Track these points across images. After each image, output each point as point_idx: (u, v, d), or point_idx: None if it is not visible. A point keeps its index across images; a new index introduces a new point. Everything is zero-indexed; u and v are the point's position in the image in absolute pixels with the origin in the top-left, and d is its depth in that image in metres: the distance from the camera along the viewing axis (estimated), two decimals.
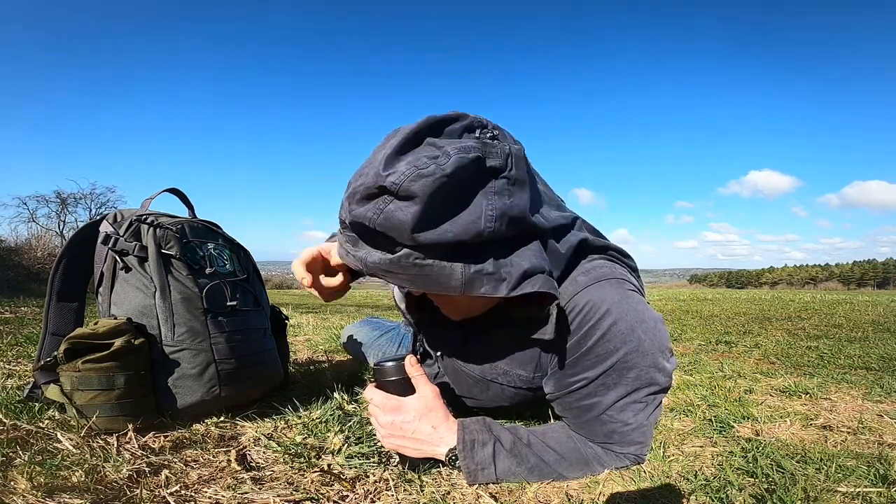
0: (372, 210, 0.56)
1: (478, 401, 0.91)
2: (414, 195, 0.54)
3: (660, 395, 0.76)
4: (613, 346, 0.71)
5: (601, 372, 0.72)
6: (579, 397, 0.75)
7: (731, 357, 2.02)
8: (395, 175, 0.54)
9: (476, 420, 0.76)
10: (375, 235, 0.59)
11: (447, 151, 0.55)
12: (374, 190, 0.56)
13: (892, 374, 1.63)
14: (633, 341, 0.70)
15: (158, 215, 0.95)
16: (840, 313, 4.35)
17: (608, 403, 0.73)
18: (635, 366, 0.71)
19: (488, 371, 0.83)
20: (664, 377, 0.74)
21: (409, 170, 0.54)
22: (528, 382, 0.82)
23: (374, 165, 0.56)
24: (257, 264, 1.15)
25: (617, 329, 0.70)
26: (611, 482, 0.73)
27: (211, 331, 0.92)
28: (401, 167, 0.55)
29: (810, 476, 0.75)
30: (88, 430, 0.80)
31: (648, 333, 0.71)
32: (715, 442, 0.92)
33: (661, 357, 0.73)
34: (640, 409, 0.74)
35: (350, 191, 0.58)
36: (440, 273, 0.58)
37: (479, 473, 0.71)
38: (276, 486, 0.67)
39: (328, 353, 1.81)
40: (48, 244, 8.80)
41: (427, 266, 0.58)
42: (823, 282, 74.56)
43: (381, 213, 0.56)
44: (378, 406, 0.76)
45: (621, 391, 0.72)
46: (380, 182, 0.55)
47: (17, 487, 0.62)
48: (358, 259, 0.63)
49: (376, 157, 0.58)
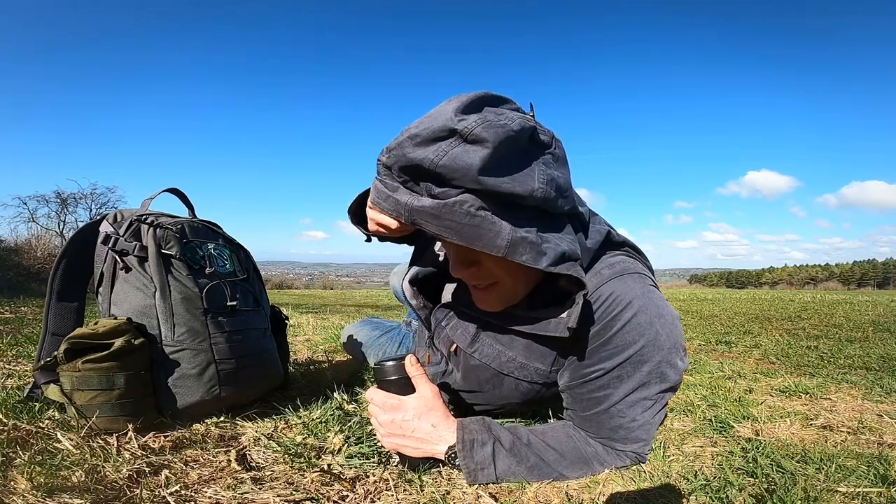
0: (434, 152, 0.58)
1: (486, 398, 0.90)
2: (484, 140, 0.57)
3: (668, 394, 0.76)
4: (632, 338, 0.72)
5: (618, 363, 0.73)
6: (592, 388, 0.75)
7: (731, 357, 2.02)
8: (467, 122, 0.58)
9: (475, 420, 0.76)
10: (431, 178, 0.60)
11: (510, 116, 0.61)
12: (442, 133, 0.58)
13: (892, 374, 1.63)
14: (651, 334, 0.72)
15: (158, 215, 0.95)
16: (840, 313, 4.35)
17: (619, 397, 0.74)
18: (650, 359, 0.72)
19: (505, 365, 0.83)
20: (675, 374, 0.75)
21: (481, 119, 0.58)
22: (544, 377, 0.82)
23: (443, 114, 0.59)
24: (257, 264, 1.15)
25: (637, 321, 0.72)
26: (611, 482, 0.73)
27: (211, 331, 0.92)
28: (472, 117, 0.59)
29: (810, 476, 0.75)
30: (88, 430, 0.80)
31: (666, 328, 0.73)
32: (715, 442, 0.93)
33: (674, 354, 0.74)
34: (649, 406, 0.75)
35: (408, 134, 0.60)
36: (489, 228, 0.60)
37: (479, 473, 0.71)
38: (276, 486, 0.67)
39: (328, 353, 1.81)
40: (48, 244, 8.80)
41: (478, 217, 0.59)
42: (823, 282, 74.57)
43: (447, 155, 0.58)
44: (378, 405, 0.76)
45: (633, 384, 0.73)
46: (451, 125, 0.58)
47: (17, 487, 0.62)
48: (400, 205, 0.62)
49: (443, 108, 0.61)
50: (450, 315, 0.90)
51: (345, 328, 1.77)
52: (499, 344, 0.83)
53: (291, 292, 14.60)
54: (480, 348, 0.85)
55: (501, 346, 0.83)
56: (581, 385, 0.77)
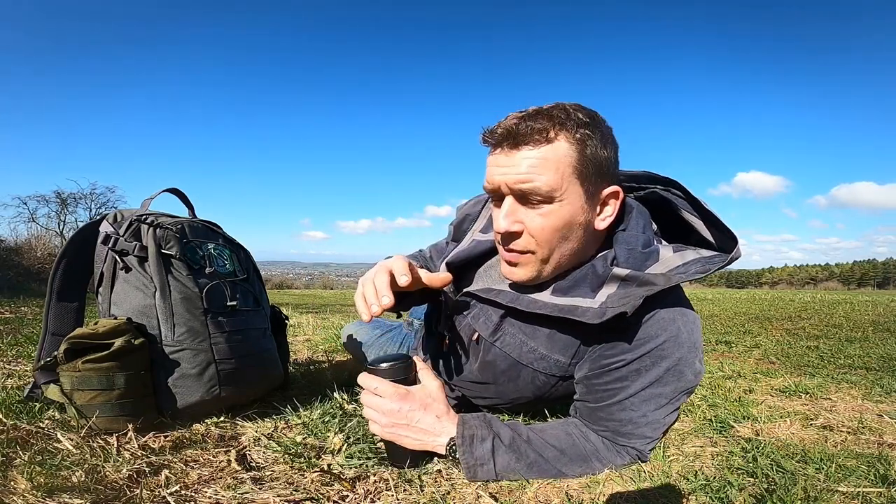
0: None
1: (498, 391, 0.90)
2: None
3: (682, 397, 0.77)
4: (654, 332, 0.73)
5: (638, 356, 0.74)
6: (609, 380, 0.76)
7: (731, 357, 2.02)
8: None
9: (476, 416, 0.77)
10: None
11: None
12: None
13: (892, 374, 1.63)
14: (673, 330, 0.73)
15: (158, 215, 0.95)
16: (840, 313, 4.35)
17: (635, 390, 0.74)
18: (669, 355, 0.73)
19: (525, 355, 0.83)
20: (692, 375, 0.75)
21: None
22: (563, 369, 0.82)
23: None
24: (257, 264, 1.15)
25: (660, 316, 0.74)
26: (611, 482, 0.73)
27: (211, 331, 0.92)
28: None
29: (810, 476, 0.75)
30: (88, 430, 0.80)
31: (687, 326, 0.75)
32: (715, 442, 0.93)
33: (693, 354, 0.75)
34: (662, 404, 0.75)
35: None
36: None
37: (479, 469, 0.71)
38: (276, 486, 0.67)
39: (328, 353, 1.81)
40: (48, 244, 8.80)
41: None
42: (823, 282, 74.57)
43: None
44: (385, 394, 0.75)
45: (650, 379, 0.74)
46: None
47: (17, 487, 0.62)
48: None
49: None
50: (472, 303, 0.90)
51: (345, 327, 1.77)
52: (521, 333, 0.83)
53: (291, 292, 14.60)
54: (503, 337, 0.84)
55: (524, 335, 0.83)
56: (599, 375, 0.77)
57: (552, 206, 0.73)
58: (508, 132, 0.72)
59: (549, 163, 0.71)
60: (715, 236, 0.78)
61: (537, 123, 0.71)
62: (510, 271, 0.80)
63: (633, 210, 0.81)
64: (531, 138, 0.71)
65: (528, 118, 0.72)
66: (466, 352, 0.92)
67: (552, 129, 0.71)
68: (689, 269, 0.74)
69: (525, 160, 0.71)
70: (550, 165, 0.71)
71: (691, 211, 0.80)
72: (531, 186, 0.71)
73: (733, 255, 0.74)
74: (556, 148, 0.71)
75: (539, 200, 0.73)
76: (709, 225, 0.78)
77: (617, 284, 0.74)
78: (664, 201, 0.83)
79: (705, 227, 0.79)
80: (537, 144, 0.71)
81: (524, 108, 0.75)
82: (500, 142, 0.74)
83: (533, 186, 0.71)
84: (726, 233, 0.75)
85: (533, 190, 0.72)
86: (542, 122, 0.71)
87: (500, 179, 0.74)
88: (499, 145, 0.74)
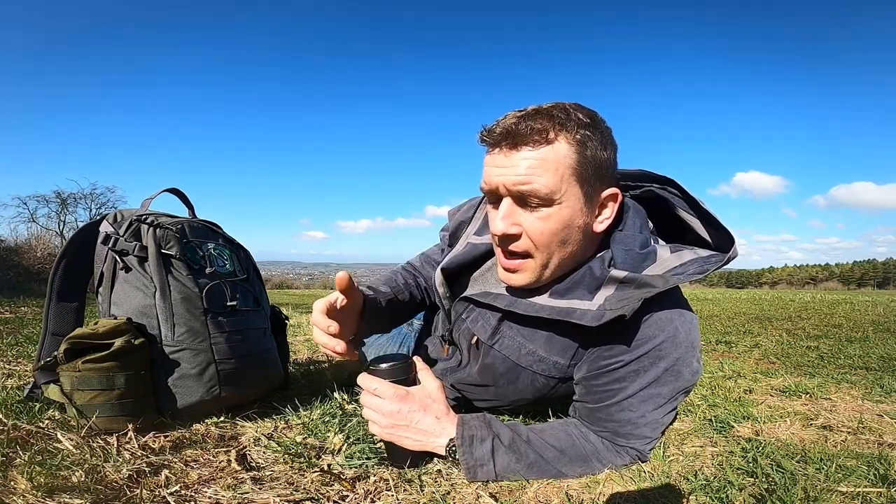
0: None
1: (498, 393, 0.90)
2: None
3: (681, 396, 0.77)
4: (652, 333, 0.73)
5: (636, 356, 0.74)
6: (607, 381, 0.76)
7: (731, 357, 2.02)
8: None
9: (475, 416, 0.77)
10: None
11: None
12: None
13: (892, 374, 1.63)
14: (671, 330, 0.73)
15: (158, 215, 0.95)
16: (840, 313, 4.35)
17: (633, 391, 0.74)
18: (667, 356, 0.73)
19: (524, 358, 0.83)
20: (690, 374, 0.75)
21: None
22: (562, 371, 0.82)
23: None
24: (257, 264, 1.15)
25: (657, 316, 0.73)
26: (611, 482, 0.73)
27: (211, 331, 0.92)
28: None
29: (810, 476, 0.75)
30: (88, 430, 0.80)
31: (685, 326, 0.74)
32: (715, 442, 0.92)
33: (691, 353, 0.75)
34: (661, 403, 0.75)
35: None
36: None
37: (478, 470, 0.71)
38: (276, 486, 0.67)
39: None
40: (48, 244, 8.80)
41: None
42: (824, 282, 74.56)
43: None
44: (384, 395, 0.75)
45: (648, 379, 0.74)
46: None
47: (17, 487, 0.62)
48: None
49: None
50: (470, 308, 0.90)
51: None
52: (520, 336, 0.83)
53: (291, 292, 14.60)
54: (501, 340, 0.84)
55: (522, 338, 0.82)
56: (597, 376, 0.77)
57: (551, 210, 0.72)
58: (507, 132, 0.72)
59: (548, 164, 0.70)
60: (712, 235, 0.78)
61: (537, 123, 0.71)
62: (508, 277, 0.80)
63: (629, 209, 0.81)
64: (531, 139, 0.71)
65: (527, 118, 0.72)
66: (466, 355, 0.92)
67: (552, 130, 0.71)
68: (686, 270, 0.74)
69: (524, 161, 0.71)
70: (550, 167, 0.70)
71: (688, 210, 0.80)
72: (530, 188, 0.71)
73: (730, 254, 0.74)
74: (556, 149, 0.71)
75: (538, 203, 0.72)
76: (706, 224, 0.78)
77: (615, 286, 0.74)
78: (661, 200, 0.83)
79: (702, 226, 0.79)
80: (537, 145, 0.71)
81: (523, 107, 0.75)
82: (498, 141, 0.73)
83: (532, 188, 0.71)
84: (724, 232, 0.75)
85: (532, 192, 0.71)
86: (541, 122, 0.71)
87: (499, 180, 0.73)
88: (497, 145, 0.74)
